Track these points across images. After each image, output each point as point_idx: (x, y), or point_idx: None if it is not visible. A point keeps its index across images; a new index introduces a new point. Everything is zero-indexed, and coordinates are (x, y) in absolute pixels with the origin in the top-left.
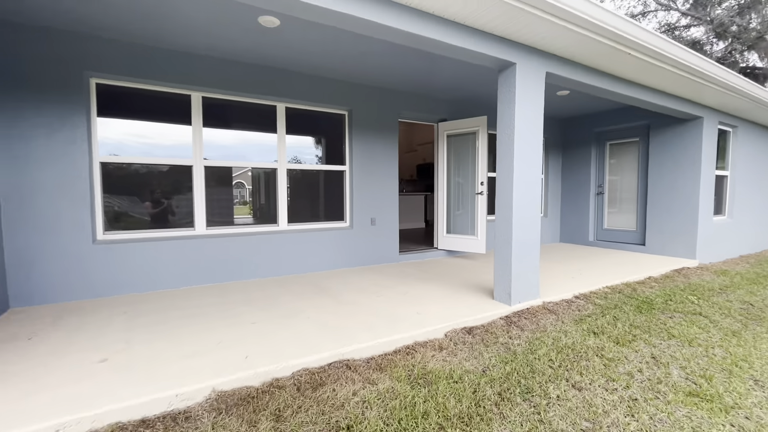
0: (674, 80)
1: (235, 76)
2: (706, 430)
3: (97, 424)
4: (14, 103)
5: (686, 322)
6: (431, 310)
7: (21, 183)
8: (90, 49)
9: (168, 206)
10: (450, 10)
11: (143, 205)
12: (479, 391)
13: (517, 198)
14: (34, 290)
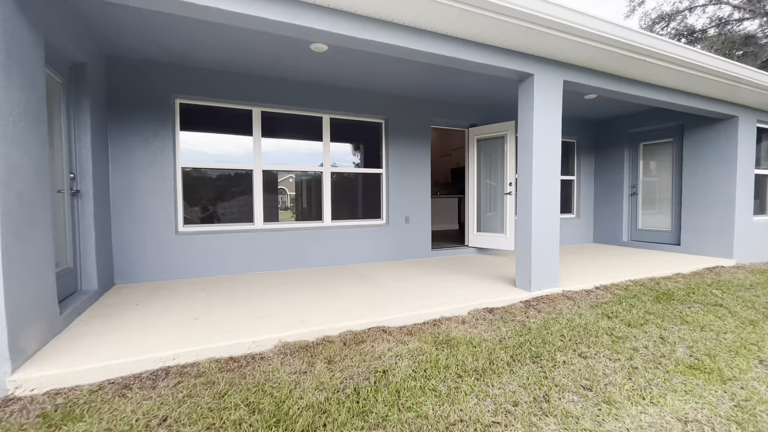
0: (700, 82)
1: (288, 92)
2: (698, 394)
3: (199, 357)
4: (120, 121)
5: (703, 311)
6: (457, 294)
7: (125, 184)
8: (176, 76)
9: (233, 204)
10: (471, 32)
11: (213, 204)
12: (494, 354)
13: (536, 196)
14: (132, 271)
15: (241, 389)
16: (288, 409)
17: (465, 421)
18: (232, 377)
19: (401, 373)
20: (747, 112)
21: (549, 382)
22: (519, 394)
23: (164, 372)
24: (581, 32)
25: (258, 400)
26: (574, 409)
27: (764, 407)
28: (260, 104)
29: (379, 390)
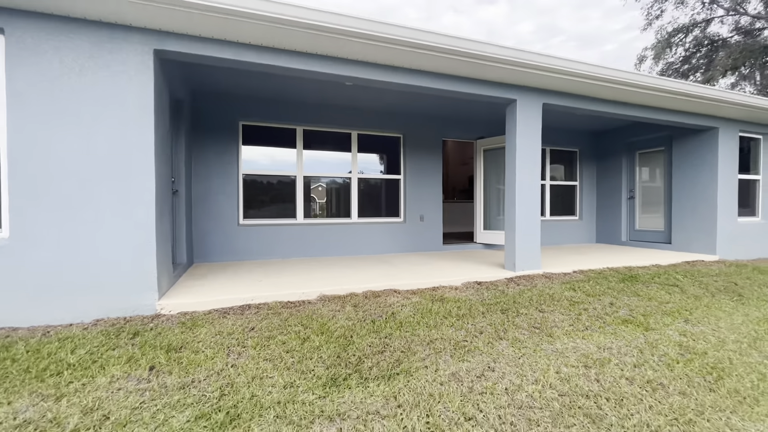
0: (668, 101)
1: (324, 114)
2: (621, 335)
3: (267, 300)
4: (200, 139)
5: (657, 289)
6: (455, 272)
7: (202, 188)
8: (241, 104)
9: (279, 204)
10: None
11: (265, 203)
12: (473, 307)
13: (519, 197)
14: (205, 253)
15: (297, 317)
16: (328, 327)
17: (444, 339)
18: (291, 311)
19: (404, 314)
20: (728, 124)
21: (509, 323)
22: (485, 328)
23: (247, 306)
24: (553, 70)
25: (308, 323)
26: (522, 337)
27: (667, 343)
28: (302, 124)
29: (388, 322)
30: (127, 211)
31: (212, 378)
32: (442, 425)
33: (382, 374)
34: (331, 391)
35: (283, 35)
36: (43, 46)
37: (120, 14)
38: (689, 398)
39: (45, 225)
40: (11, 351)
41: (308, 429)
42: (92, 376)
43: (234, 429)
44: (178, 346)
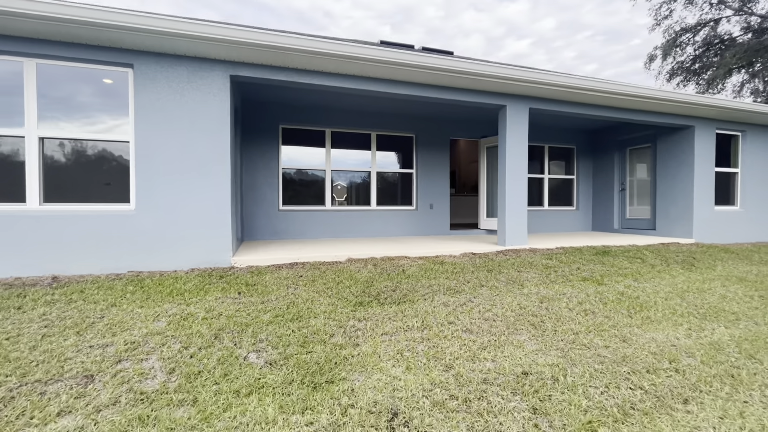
0: (643, 104)
1: (348, 118)
2: (577, 287)
3: (309, 260)
4: (248, 140)
5: (622, 259)
6: (456, 247)
7: (250, 180)
8: (281, 111)
9: (312, 193)
10: (459, 84)
11: (301, 192)
12: (465, 268)
13: (509, 188)
14: (252, 233)
15: (332, 270)
16: (355, 276)
17: (439, 285)
18: (327, 267)
19: (411, 270)
20: (703, 123)
21: (491, 278)
22: (472, 280)
23: (294, 263)
24: (535, 82)
25: (340, 274)
26: (499, 285)
27: (611, 292)
28: (330, 126)
29: (399, 274)
30: (211, 192)
31: (280, 299)
32: (430, 324)
33: (394, 301)
34: (359, 308)
35: (318, 62)
36: (157, 76)
37: (207, 52)
38: (610, 319)
39: (157, 201)
40: (145, 283)
41: (346, 323)
42: (202, 296)
43: (299, 322)
44: (252, 284)
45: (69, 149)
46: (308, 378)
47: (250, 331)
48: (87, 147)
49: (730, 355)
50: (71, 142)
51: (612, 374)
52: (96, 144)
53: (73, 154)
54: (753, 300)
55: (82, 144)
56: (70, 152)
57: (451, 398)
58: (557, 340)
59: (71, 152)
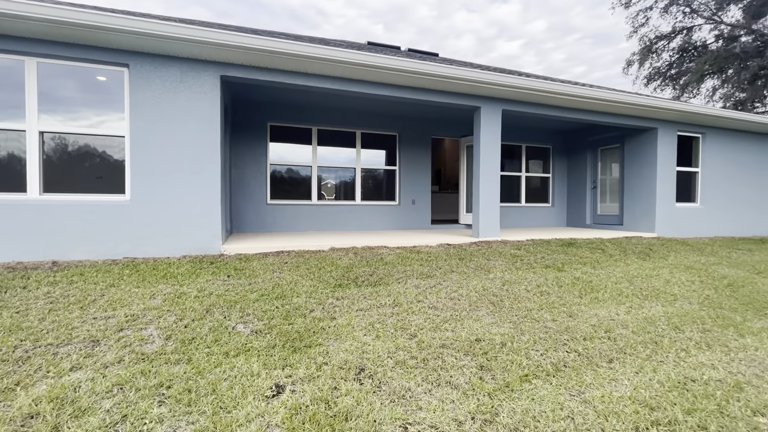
0: (610, 107)
1: (334, 116)
2: (539, 273)
3: (293, 249)
4: (237, 136)
5: (585, 251)
6: (434, 239)
7: (239, 175)
8: (269, 109)
9: (298, 188)
10: (436, 87)
11: (288, 187)
12: (439, 256)
13: (483, 184)
14: (241, 226)
15: (315, 258)
16: (336, 263)
17: (413, 270)
18: (310, 255)
19: (389, 258)
20: (666, 125)
21: (462, 265)
22: (443, 266)
23: (280, 252)
24: (507, 85)
25: (323, 260)
26: (468, 271)
27: (568, 277)
28: (317, 124)
29: (377, 261)
30: (202, 185)
31: (266, 281)
32: (401, 302)
33: (370, 284)
34: (337, 289)
35: (305, 64)
36: (151, 75)
37: (199, 54)
38: (561, 299)
39: (150, 193)
40: (140, 268)
41: (325, 301)
42: (194, 279)
43: (283, 300)
44: (240, 268)
45: (67, 143)
46: (289, 343)
47: (238, 307)
48: (84, 141)
49: (659, 327)
50: (69, 136)
51: (553, 341)
52: (93, 138)
53: (71, 148)
54: (693, 284)
55: (80, 138)
56: (68, 145)
57: (412, 358)
58: (512, 315)
59: (69, 145)
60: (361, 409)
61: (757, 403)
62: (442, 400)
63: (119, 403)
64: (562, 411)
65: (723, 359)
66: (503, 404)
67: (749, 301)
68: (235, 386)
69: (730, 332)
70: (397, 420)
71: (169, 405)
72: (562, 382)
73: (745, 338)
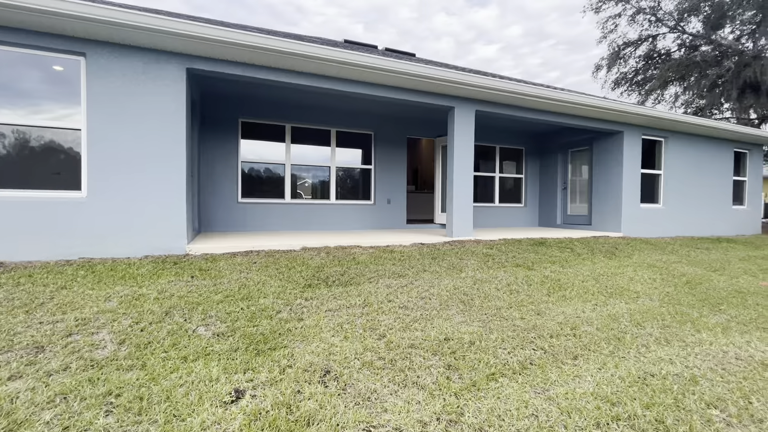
0: (579, 110)
1: (309, 113)
2: (509, 271)
3: (263, 248)
4: (207, 131)
5: (554, 250)
6: (408, 238)
7: (208, 172)
8: (241, 104)
9: (272, 186)
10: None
11: (261, 185)
12: (412, 255)
13: (456, 184)
14: (210, 224)
15: (285, 258)
16: (307, 263)
17: (386, 270)
18: (281, 255)
19: (362, 258)
20: (632, 129)
21: (434, 264)
22: (416, 266)
23: (249, 252)
24: (480, 86)
25: (293, 260)
26: (440, 270)
27: (538, 276)
28: (290, 122)
29: (349, 261)
30: (166, 182)
31: (232, 282)
32: (371, 302)
33: (341, 284)
34: (307, 290)
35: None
36: (111, 65)
37: (163, 45)
38: (531, 297)
39: (109, 189)
40: (97, 268)
41: (293, 302)
42: (155, 280)
43: (249, 301)
44: (206, 269)
45: (16, 135)
46: (253, 346)
47: (200, 309)
48: (36, 134)
49: (621, 324)
50: (19, 128)
51: (521, 339)
52: (46, 131)
53: (20, 141)
54: (655, 282)
55: (31, 131)
56: (17, 138)
57: (379, 359)
58: (482, 314)
59: (19, 138)
60: (324, 413)
61: (711, 396)
62: (407, 401)
63: (61, 415)
64: (526, 409)
65: (680, 354)
66: (469, 404)
67: (705, 298)
68: (192, 392)
69: (688, 328)
70: (360, 423)
71: (117, 414)
72: (527, 380)
73: (701, 333)
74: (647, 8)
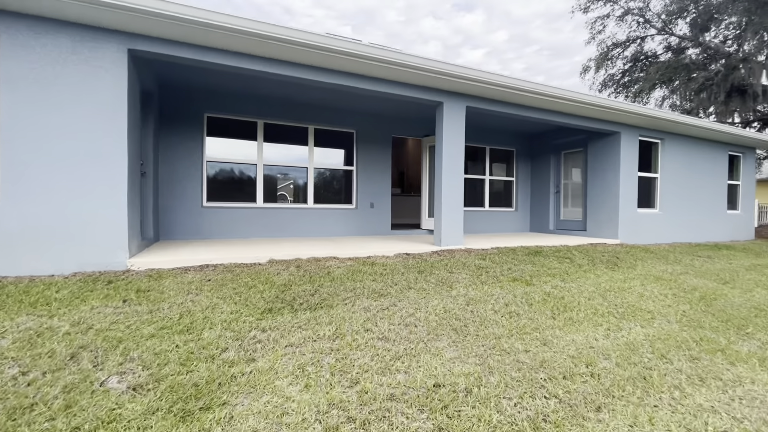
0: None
1: (284, 109)
2: (506, 287)
3: (224, 262)
4: (168, 127)
5: (552, 260)
6: (392, 247)
7: (168, 171)
8: (206, 97)
9: (242, 189)
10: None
11: (229, 187)
12: (396, 268)
13: (445, 186)
14: (171, 231)
15: (248, 273)
16: (272, 279)
17: (365, 288)
18: (243, 269)
19: (338, 272)
20: (629, 129)
21: (421, 279)
22: (400, 282)
23: (206, 266)
24: (472, 79)
25: (256, 277)
26: (427, 287)
27: (538, 293)
28: (263, 118)
29: (323, 277)
30: (102, 183)
31: (174, 307)
32: (344, 332)
33: (310, 307)
34: (266, 316)
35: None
36: (31, 42)
37: (97, 18)
38: (533, 321)
39: (28, 191)
40: (7, 290)
41: (246, 334)
42: (76, 306)
43: (189, 334)
44: (146, 290)
45: None
46: (179, 405)
47: (121, 348)
48: None
49: (643, 356)
50: None
51: (528, 382)
52: None
53: None
54: (667, 298)
55: None
56: None
57: (348, 421)
58: (478, 345)
59: None
60: None
61: None
62: None
63: None
64: None
65: (722, 399)
66: None
67: (727, 318)
68: None
69: (719, 359)
70: None
71: None
72: None
73: (737, 367)
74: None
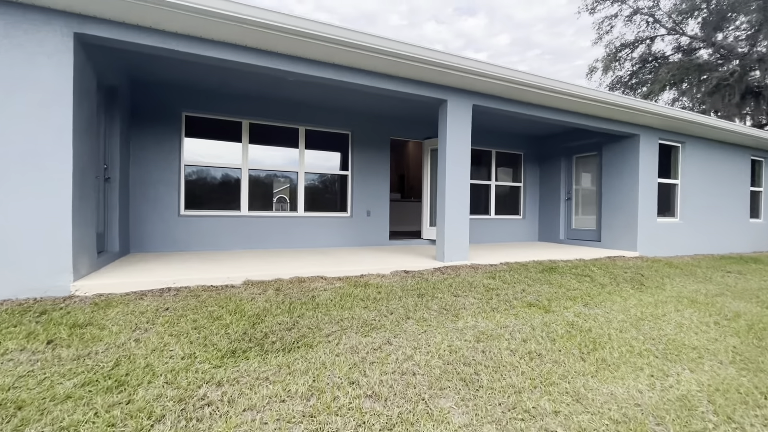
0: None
1: (271, 107)
2: (521, 316)
3: (190, 284)
4: (140, 127)
5: (570, 278)
6: (389, 262)
7: (141, 175)
8: (183, 94)
9: (224, 196)
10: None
11: (210, 194)
12: (393, 291)
13: (448, 194)
14: (143, 242)
15: (215, 299)
16: (243, 308)
17: (354, 318)
18: (211, 294)
19: (323, 297)
20: (648, 132)
21: (421, 306)
22: (397, 309)
23: (167, 289)
24: (479, 73)
25: (225, 304)
26: (429, 317)
27: (560, 323)
28: (248, 117)
29: (305, 304)
30: (41, 192)
31: (111, 350)
32: (323, 387)
33: (284, 347)
34: (228, 362)
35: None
36: None
37: None
38: (560, 365)
39: None
40: None
41: (194, 392)
42: None
43: (118, 393)
44: (84, 324)
45: None
46: None
47: (17, 419)
48: None
49: (705, 418)
50: None
51: None
52: None
53: None
54: (710, 328)
55: None
56: None
57: None
58: (494, 404)
59: None
60: None
61: None
62: None
63: None
64: None
65: None
66: None
67: None
68: None
69: None
70: None
71: None
72: None
73: None
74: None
